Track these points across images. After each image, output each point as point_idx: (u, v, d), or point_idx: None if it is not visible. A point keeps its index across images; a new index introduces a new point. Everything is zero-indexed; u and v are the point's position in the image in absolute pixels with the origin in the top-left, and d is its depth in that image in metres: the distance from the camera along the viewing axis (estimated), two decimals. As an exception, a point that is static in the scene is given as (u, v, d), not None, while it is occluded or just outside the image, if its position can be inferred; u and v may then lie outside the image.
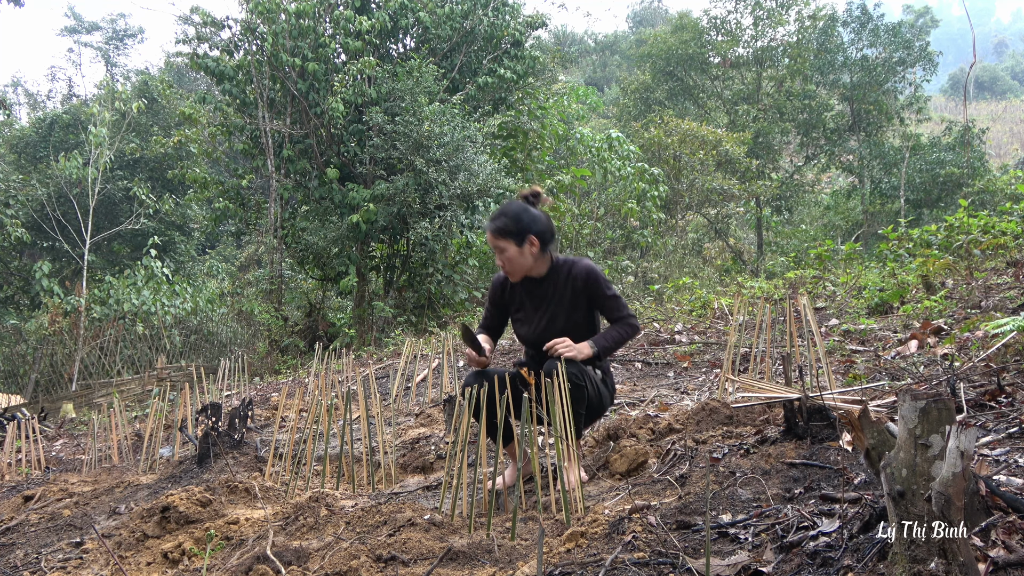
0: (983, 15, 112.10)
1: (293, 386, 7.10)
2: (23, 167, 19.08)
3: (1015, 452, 2.12)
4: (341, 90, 11.57)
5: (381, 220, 11.16)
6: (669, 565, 1.78)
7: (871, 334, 4.88)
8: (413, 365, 6.15)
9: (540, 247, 2.95)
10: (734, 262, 19.77)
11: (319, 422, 3.57)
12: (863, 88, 21.79)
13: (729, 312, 6.81)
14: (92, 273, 16.97)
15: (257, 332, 13.20)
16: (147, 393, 9.95)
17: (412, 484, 3.32)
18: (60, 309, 12.54)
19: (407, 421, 4.63)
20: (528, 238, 2.92)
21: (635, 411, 3.97)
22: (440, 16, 12.90)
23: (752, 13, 23.24)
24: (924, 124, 24.84)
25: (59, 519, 3.39)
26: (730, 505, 2.13)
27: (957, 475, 1.35)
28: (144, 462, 4.54)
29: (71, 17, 35.56)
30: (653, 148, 17.42)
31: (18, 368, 12.23)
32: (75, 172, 14.23)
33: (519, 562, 2.06)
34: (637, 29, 44.94)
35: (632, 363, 5.41)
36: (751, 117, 22.27)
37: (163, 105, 19.83)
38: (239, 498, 3.04)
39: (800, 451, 2.40)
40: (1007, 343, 3.26)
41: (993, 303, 4.75)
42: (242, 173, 13.90)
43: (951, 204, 18.05)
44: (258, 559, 2.25)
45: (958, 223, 7.50)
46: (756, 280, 9.82)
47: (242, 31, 12.44)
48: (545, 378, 2.71)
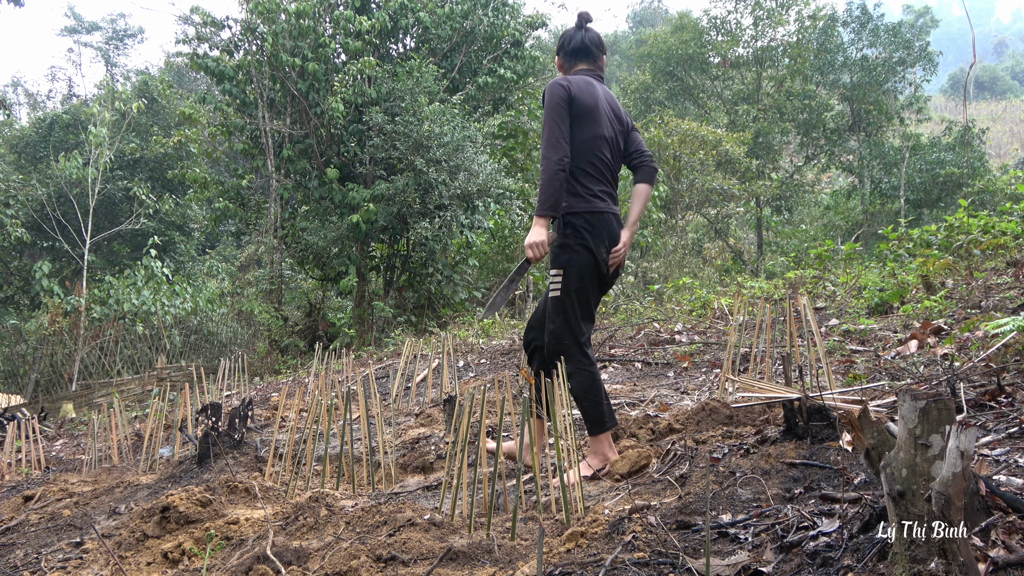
0: (983, 15, 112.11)
1: (293, 386, 7.10)
2: (23, 167, 19.08)
3: (1015, 452, 2.12)
4: (341, 90, 11.57)
5: (381, 220, 11.17)
6: (669, 565, 1.78)
7: (871, 334, 4.89)
8: (413, 365, 6.15)
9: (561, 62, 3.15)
10: (734, 262, 19.77)
11: (319, 422, 3.58)
12: (863, 88, 21.80)
13: (729, 312, 6.82)
14: (92, 273, 16.98)
15: (257, 332, 13.21)
16: (147, 393, 9.96)
17: (412, 484, 3.32)
18: (60, 309, 12.54)
19: (407, 421, 4.63)
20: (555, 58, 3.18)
21: (635, 411, 3.98)
22: (440, 16, 12.91)
23: (752, 13, 23.24)
24: (924, 124, 24.85)
25: (59, 519, 3.39)
26: (730, 505, 2.13)
27: (957, 475, 1.35)
28: (144, 462, 4.54)
29: (71, 17, 35.58)
30: (653, 148, 17.41)
31: (18, 368, 12.23)
32: (75, 172, 14.23)
33: (519, 562, 2.06)
34: (637, 29, 44.93)
35: (632, 363, 5.41)
36: (751, 117, 22.27)
37: (163, 105, 19.84)
38: (239, 498, 3.04)
39: (800, 451, 2.40)
40: (1007, 343, 3.26)
41: (993, 303, 4.75)
42: (242, 173, 13.90)
43: (951, 204, 18.05)
44: (258, 559, 2.25)
45: (958, 223, 7.50)
46: (756, 280, 9.82)
47: (242, 31, 12.44)
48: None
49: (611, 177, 3.00)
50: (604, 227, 2.93)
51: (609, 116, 3.00)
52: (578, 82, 2.94)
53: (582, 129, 2.91)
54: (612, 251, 2.96)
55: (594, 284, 2.96)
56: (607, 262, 2.95)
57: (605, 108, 2.99)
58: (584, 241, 2.90)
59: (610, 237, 2.95)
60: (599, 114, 2.95)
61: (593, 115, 2.93)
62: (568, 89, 2.90)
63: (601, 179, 2.95)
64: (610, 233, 2.95)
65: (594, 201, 2.93)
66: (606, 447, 2.95)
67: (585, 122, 2.92)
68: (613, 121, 3.02)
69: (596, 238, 2.91)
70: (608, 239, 2.94)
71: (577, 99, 2.90)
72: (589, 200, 2.92)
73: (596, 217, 2.92)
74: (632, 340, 6.31)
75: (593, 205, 2.92)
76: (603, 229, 2.92)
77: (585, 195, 2.92)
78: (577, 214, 2.91)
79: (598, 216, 2.92)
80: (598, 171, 2.95)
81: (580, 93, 2.91)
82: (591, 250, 2.90)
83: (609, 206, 2.96)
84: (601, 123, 2.95)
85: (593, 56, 3.09)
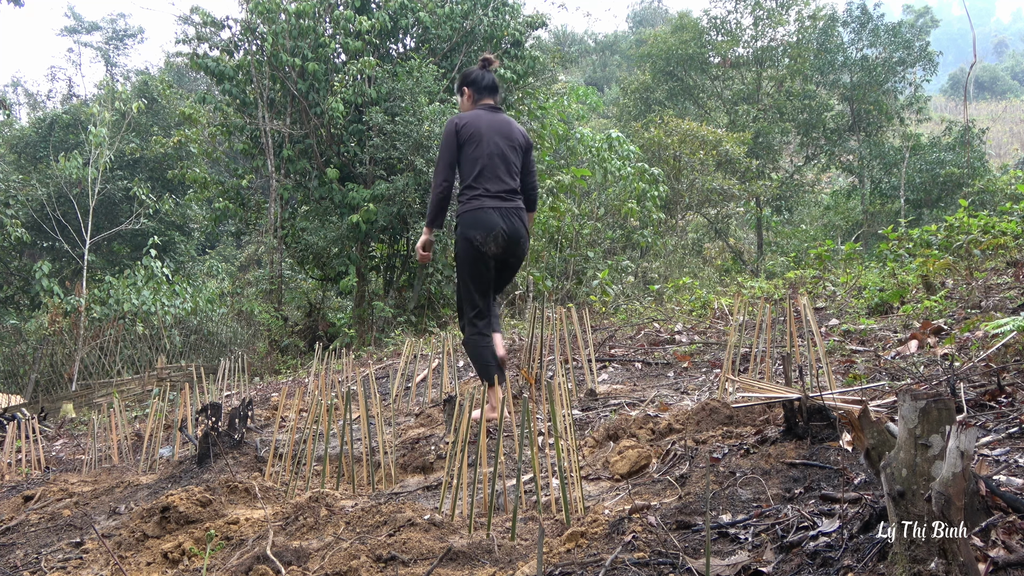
0: (983, 15, 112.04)
1: (293, 386, 7.10)
2: (23, 167, 19.07)
3: (1015, 452, 2.12)
4: (341, 90, 11.57)
5: (381, 220, 11.16)
6: (669, 565, 1.78)
7: (871, 334, 4.89)
8: (413, 365, 6.15)
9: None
10: (734, 262, 19.77)
11: (319, 422, 3.58)
12: (863, 88, 21.79)
13: (729, 312, 6.82)
14: (92, 273, 16.97)
15: (257, 332, 13.20)
16: (147, 393, 9.95)
17: (412, 484, 3.32)
18: (60, 309, 12.54)
19: (407, 421, 4.63)
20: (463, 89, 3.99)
21: (635, 411, 3.97)
22: (440, 16, 12.90)
23: (752, 13, 23.24)
24: (924, 124, 24.85)
25: (59, 519, 3.39)
26: (730, 505, 2.13)
27: (957, 475, 1.35)
28: (144, 462, 4.54)
29: (71, 17, 35.57)
30: (653, 148, 17.42)
31: (18, 368, 12.22)
32: (75, 172, 14.22)
33: (519, 562, 2.06)
34: (637, 29, 44.93)
35: (632, 363, 5.41)
36: (751, 117, 22.26)
37: (163, 105, 19.83)
38: (239, 498, 3.04)
39: (800, 451, 2.40)
40: (1007, 343, 3.26)
41: (993, 303, 4.75)
42: (242, 173, 13.90)
43: (951, 204, 18.03)
44: (258, 559, 2.25)
45: (958, 223, 7.50)
46: (756, 280, 9.82)
47: (242, 31, 12.43)
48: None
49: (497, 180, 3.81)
50: (479, 219, 3.76)
51: (496, 137, 3.85)
52: (466, 116, 3.87)
53: (471, 149, 3.80)
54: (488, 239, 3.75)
55: (479, 266, 3.81)
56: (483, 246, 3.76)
57: (492, 131, 3.85)
58: (464, 234, 3.78)
59: (484, 227, 3.74)
60: (481, 139, 3.81)
61: (477, 137, 3.80)
62: (456, 124, 3.84)
63: (483, 183, 3.78)
64: (485, 222, 3.75)
65: (472, 202, 3.79)
66: (494, 398, 3.78)
67: (472, 144, 3.81)
68: (501, 140, 3.86)
69: (472, 229, 3.76)
70: (482, 230, 3.74)
71: (463, 130, 3.82)
72: (468, 202, 3.80)
73: (472, 213, 3.77)
74: (632, 340, 6.31)
75: (471, 205, 3.79)
76: (478, 221, 3.76)
77: (466, 199, 3.81)
78: (460, 215, 3.83)
79: (474, 212, 3.77)
80: (482, 177, 3.79)
81: (467, 125, 3.83)
82: (469, 240, 3.76)
83: (485, 203, 3.77)
84: (483, 143, 3.80)
85: (494, 93, 3.99)
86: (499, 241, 3.76)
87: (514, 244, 3.82)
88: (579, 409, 4.14)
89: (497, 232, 3.74)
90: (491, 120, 3.87)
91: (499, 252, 3.80)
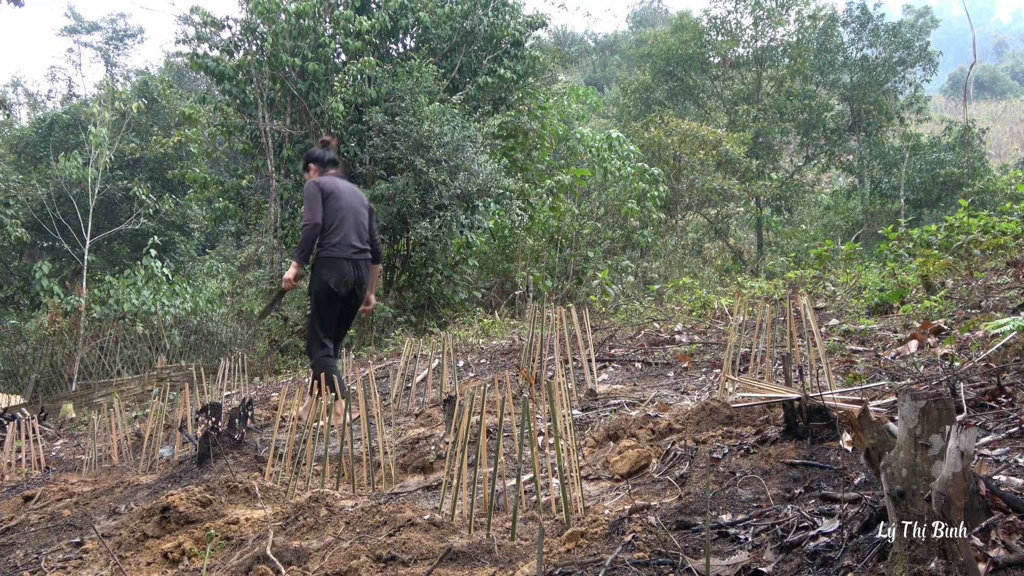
0: (983, 15, 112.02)
1: (293, 386, 7.10)
2: (23, 167, 19.07)
3: (1015, 452, 2.12)
4: (341, 90, 11.57)
5: (381, 220, 11.16)
6: (669, 565, 1.78)
7: (871, 334, 4.89)
8: (413, 365, 6.14)
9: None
10: (734, 262, 19.78)
11: (319, 422, 3.58)
12: (863, 88, 21.79)
13: (729, 312, 6.82)
14: (92, 273, 16.97)
15: (257, 332, 13.19)
16: (147, 393, 9.95)
17: (412, 484, 3.32)
18: (60, 309, 12.54)
19: (407, 421, 4.63)
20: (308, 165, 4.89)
21: (635, 411, 3.97)
22: (440, 16, 12.90)
23: (752, 13, 23.24)
24: (924, 124, 24.84)
25: (59, 519, 3.39)
26: (730, 505, 2.13)
27: (957, 475, 1.35)
28: (144, 462, 4.54)
29: (71, 17, 35.52)
30: (653, 148, 17.43)
31: (18, 368, 12.22)
32: (75, 172, 14.22)
33: (519, 562, 2.06)
34: (637, 29, 44.92)
35: (632, 363, 5.41)
36: (751, 117, 22.27)
37: (163, 105, 19.83)
38: (239, 498, 3.04)
39: (800, 451, 2.40)
40: (1007, 343, 3.26)
41: (993, 303, 4.75)
42: (242, 173, 13.89)
43: (951, 204, 18.03)
44: (258, 559, 2.25)
45: (958, 223, 7.49)
46: (756, 280, 9.82)
47: (242, 31, 12.43)
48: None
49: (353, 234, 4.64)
50: (334, 266, 4.56)
51: (349, 197, 4.72)
52: (324, 180, 4.70)
53: (332, 202, 4.61)
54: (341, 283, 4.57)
55: (332, 303, 4.63)
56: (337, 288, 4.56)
57: (346, 192, 4.73)
58: (320, 275, 4.57)
59: (338, 272, 4.55)
60: (339, 196, 4.66)
61: (334, 196, 4.64)
62: (318, 184, 4.65)
63: (337, 235, 4.58)
64: (339, 270, 4.56)
65: (331, 249, 4.57)
66: (339, 407, 4.45)
67: (330, 200, 4.62)
68: (353, 199, 4.75)
69: (327, 272, 4.56)
70: (337, 274, 4.55)
71: (324, 188, 4.64)
72: (328, 248, 4.58)
73: (328, 260, 4.57)
74: (632, 340, 6.31)
75: (328, 252, 4.57)
76: (333, 267, 4.56)
77: (325, 246, 4.59)
78: (319, 259, 4.60)
79: (330, 260, 4.57)
80: (337, 230, 4.59)
81: (326, 185, 4.66)
82: (324, 281, 4.56)
83: (339, 253, 4.57)
84: (341, 201, 4.64)
85: (336, 166, 4.90)
86: (349, 285, 4.60)
87: (359, 289, 4.70)
88: (579, 409, 4.14)
89: (349, 278, 4.59)
90: (345, 184, 4.79)
91: (346, 294, 4.65)
